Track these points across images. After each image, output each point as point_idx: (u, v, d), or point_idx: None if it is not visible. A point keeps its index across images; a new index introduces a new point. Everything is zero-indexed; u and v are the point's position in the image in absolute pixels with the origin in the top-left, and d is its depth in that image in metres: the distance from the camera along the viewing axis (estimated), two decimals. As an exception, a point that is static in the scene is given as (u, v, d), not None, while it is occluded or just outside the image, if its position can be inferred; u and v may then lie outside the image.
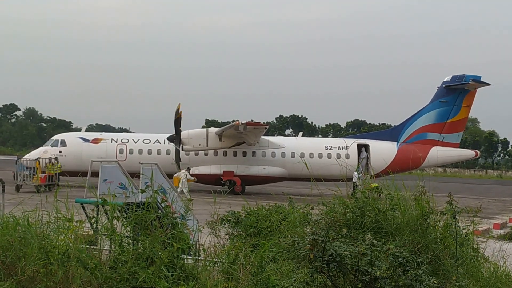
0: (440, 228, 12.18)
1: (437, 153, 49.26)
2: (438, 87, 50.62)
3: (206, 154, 46.99)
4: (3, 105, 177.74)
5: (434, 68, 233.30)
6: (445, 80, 49.57)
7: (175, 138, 44.85)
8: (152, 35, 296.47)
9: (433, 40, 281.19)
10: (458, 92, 49.01)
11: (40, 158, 44.53)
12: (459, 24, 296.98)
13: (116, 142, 47.95)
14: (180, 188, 38.04)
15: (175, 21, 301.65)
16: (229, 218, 13.99)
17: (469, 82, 48.07)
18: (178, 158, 44.73)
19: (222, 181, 46.34)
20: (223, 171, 46.63)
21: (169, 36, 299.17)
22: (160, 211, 11.28)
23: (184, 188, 38.09)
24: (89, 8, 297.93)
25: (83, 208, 13.62)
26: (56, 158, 45.20)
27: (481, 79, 48.50)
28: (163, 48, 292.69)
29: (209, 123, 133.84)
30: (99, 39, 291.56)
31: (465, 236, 12.45)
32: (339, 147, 48.48)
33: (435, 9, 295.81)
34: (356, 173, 38.12)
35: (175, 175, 40.52)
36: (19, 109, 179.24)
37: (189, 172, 41.06)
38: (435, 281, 9.28)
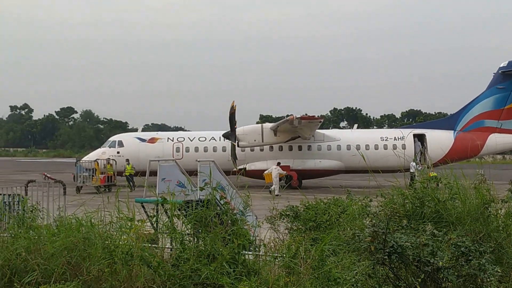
0: (502, 216, 12.00)
1: (496, 140, 48.33)
2: (494, 73, 49.63)
3: (261, 150, 46.93)
4: (60, 109, 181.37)
5: (491, 53, 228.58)
6: (501, 65, 48.60)
7: (231, 135, 44.98)
8: (203, 33, 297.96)
9: (491, 23, 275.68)
10: (515, 77, 48.08)
11: (98, 159, 45.20)
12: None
13: (172, 141, 48.34)
14: (274, 184, 38.57)
15: (226, 17, 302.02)
16: (287, 213, 14.01)
17: (526, 67, 47.13)
18: (234, 155, 44.88)
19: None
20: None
21: (220, 32, 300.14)
22: (219, 208, 11.37)
23: (276, 183, 38.86)
24: (138, 7, 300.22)
25: (143, 207, 13.80)
26: (114, 159, 45.85)
27: (539, 63, 47.50)
28: (215, 45, 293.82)
29: (264, 119, 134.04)
30: (152, 39, 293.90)
31: (529, 223, 12.23)
32: (395, 137, 47.93)
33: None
34: (413, 163, 37.71)
35: (265, 172, 40.96)
36: (76, 112, 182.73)
37: (279, 166, 41.68)
38: (499, 270, 9.15)
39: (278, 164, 42.38)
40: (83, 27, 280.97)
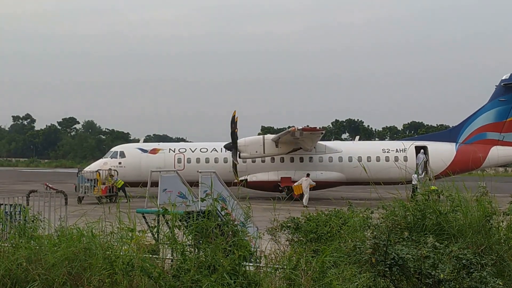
0: (503, 229, 12.00)
1: (498, 152, 48.29)
2: (496, 85, 49.64)
3: (263, 161, 46.93)
4: (62, 119, 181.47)
5: (493, 65, 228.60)
6: (503, 78, 48.63)
7: (232, 146, 44.98)
8: (205, 45, 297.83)
9: (493, 36, 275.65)
10: (517, 90, 48.11)
11: (100, 170, 45.21)
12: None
13: (174, 151, 48.34)
14: (306, 197, 38.77)
15: (227, 30, 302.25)
16: (288, 224, 14.01)
17: (529, 80, 47.17)
18: (235, 166, 44.87)
19: (280, 188, 46.16)
20: (281, 177, 46.50)
21: (222, 45, 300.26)
22: (220, 219, 11.36)
23: (306, 194, 39.16)
24: (144, 20, 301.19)
25: (144, 218, 13.80)
26: (115, 170, 45.84)
27: (541, 76, 47.55)
28: (217, 57, 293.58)
29: (265, 130, 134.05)
30: (151, 52, 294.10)
31: (530, 236, 12.21)
32: (396, 149, 47.92)
33: (492, 8, 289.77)
34: (415, 175, 37.69)
35: (295, 184, 41.09)
36: (78, 122, 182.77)
37: (309, 177, 41.94)
38: (501, 283, 9.15)
39: (308, 175, 42.44)
40: (86, 39, 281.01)
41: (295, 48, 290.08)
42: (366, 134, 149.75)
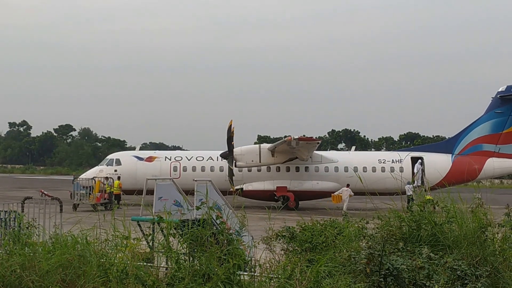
0: (498, 241, 12.00)
1: (493, 164, 48.38)
2: (492, 97, 49.76)
3: (259, 170, 46.99)
4: (59, 126, 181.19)
5: (489, 77, 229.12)
6: (499, 90, 48.78)
7: (228, 155, 45.01)
8: (201, 56, 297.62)
9: (488, 50, 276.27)
10: (513, 102, 48.23)
11: (96, 177, 45.16)
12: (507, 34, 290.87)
13: (170, 160, 48.34)
14: (345, 205, 38.99)
15: (223, 41, 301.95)
16: (284, 234, 13.98)
17: (525, 92, 47.30)
18: (231, 175, 44.86)
19: (275, 197, 46.25)
20: (277, 186, 46.57)
21: (218, 55, 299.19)
22: (215, 228, 11.35)
23: (346, 203, 39.61)
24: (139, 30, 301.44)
25: (139, 226, 13.78)
26: (111, 178, 45.78)
27: (537, 88, 47.68)
28: (213, 67, 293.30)
29: (262, 139, 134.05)
30: (148, 61, 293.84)
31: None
32: (392, 160, 48.02)
33: (487, 21, 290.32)
34: (409, 185, 37.73)
35: (335, 193, 41.30)
36: (74, 130, 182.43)
37: (349, 187, 42.38)
38: (495, 294, 9.15)
39: (348, 185, 42.69)
40: (83, 48, 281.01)
41: (291, 59, 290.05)
42: (362, 144, 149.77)
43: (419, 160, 47.36)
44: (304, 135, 43.47)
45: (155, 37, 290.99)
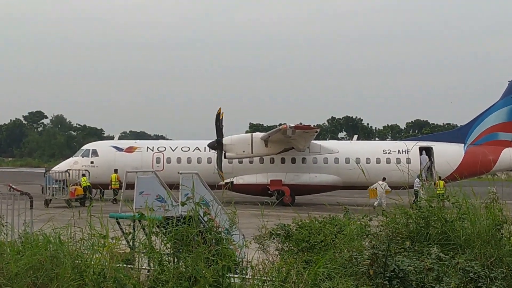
0: (515, 239, 12.04)
1: (510, 155, 48.30)
2: (509, 81, 49.73)
3: (251, 162, 46.97)
4: (29, 113, 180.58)
5: (506, 59, 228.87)
6: (516, 73, 48.89)
7: (217, 145, 44.92)
8: (188, 34, 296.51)
9: (505, 28, 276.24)
10: (531, 86, 48.28)
11: (70, 169, 45.05)
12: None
13: (152, 150, 48.29)
14: (380, 200, 38.59)
15: (213, 18, 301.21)
16: (278, 232, 14.00)
17: (544, 75, 47.45)
18: (220, 167, 44.75)
19: (269, 191, 46.20)
20: (270, 180, 46.53)
21: (206, 34, 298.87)
22: (202, 225, 11.37)
23: (383, 199, 38.67)
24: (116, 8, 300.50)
25: (118, 223, 13.79)
26: (87, 170, 45.67)
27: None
28: (201, 47, 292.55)
29: (254, 128, 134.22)
30: (129, 40, 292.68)
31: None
32: (399, 151, 47.97)
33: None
34: (418, 179, 37.82)
35: (371, 187, 40.94)
36: (46, 117, 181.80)
37: (384, 181, 41.88)
38: (511, 298, 9.20)
39: (384, 179, 42.22)
40: (58, 23, 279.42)
41: (286, 37, 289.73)
42: (365, 133, 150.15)
43: (423, 152, 47.26)
44: (301, 123, 43.36)
45: (139, 13, 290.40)
